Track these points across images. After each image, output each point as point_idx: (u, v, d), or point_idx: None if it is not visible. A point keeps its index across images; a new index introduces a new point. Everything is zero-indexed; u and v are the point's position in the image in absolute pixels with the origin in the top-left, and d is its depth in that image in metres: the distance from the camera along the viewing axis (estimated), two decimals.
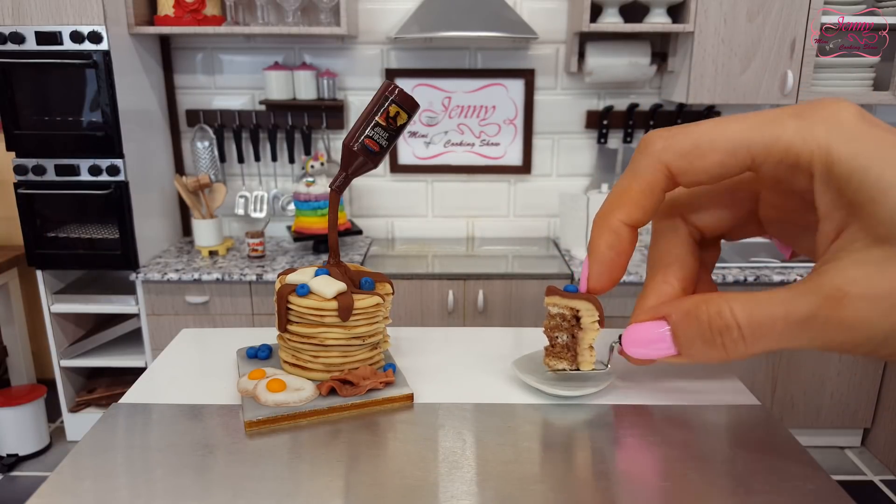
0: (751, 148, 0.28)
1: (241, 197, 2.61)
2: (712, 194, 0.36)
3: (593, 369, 0.45)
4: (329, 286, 0.60)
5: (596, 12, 2.27)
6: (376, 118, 0.39)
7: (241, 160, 2.59)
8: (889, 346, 0.26)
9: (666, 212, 0.36)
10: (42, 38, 2.06)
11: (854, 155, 0.26)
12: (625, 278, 2.15)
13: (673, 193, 0.35)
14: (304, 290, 0.59)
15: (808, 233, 0.31)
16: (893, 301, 0.25)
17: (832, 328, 0.26)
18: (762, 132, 0.28)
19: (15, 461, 2.37)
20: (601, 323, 0.50)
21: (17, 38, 2.05)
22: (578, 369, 0.51)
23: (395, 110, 0.38)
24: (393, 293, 0.67)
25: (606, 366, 0.42)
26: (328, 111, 2.53)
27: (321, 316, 0.59)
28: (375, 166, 0.43)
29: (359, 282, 0.62)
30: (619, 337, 0.37)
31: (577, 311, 0.47)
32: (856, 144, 0.26)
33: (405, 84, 2.52)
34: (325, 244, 2.42)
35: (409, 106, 0.38)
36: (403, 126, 0.39)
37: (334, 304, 0.59)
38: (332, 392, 0.64)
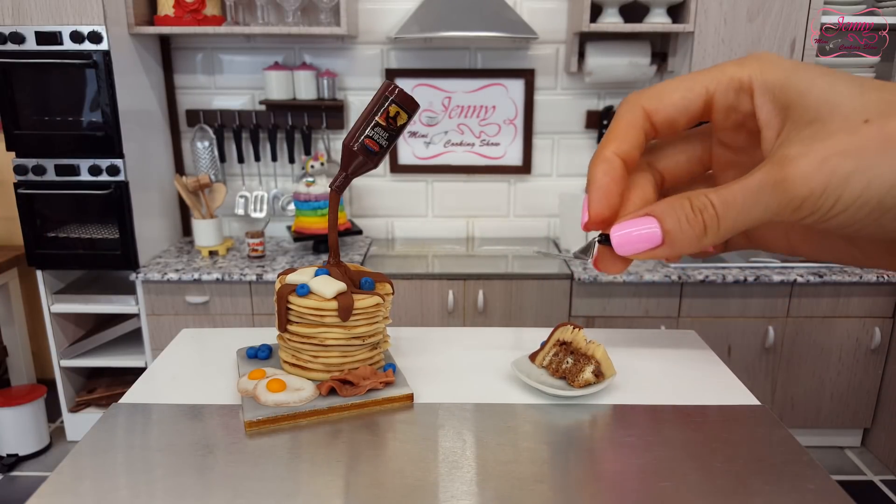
0: (703, 82, 0.37)
1: (241, 197, 2.61)
2: (674, 141, 0.43)
3: (575, 257, 0.47)
4: (329, 286, 0.60)
5: (596, 12, 2.27)
6: (376, 118, 0.39)
7: (241, 160, 2.59)
8: (828, 199, 0.32)
9: (639, 161, 0.43)
10: (42, 38, 2.06)
11: (782, 71, 0.35)
12: (625, 278, 2.15)
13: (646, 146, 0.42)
14: (304, 290, 0.59)
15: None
16: (825, 155, 0.32)
17: (782, 188, 0.33)
18: (711, 72, 0.37)
19: (15, 461, 2.37)
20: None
21: (17, 38, 2.05)
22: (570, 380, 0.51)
23: (395, 110, 0.38)
24: (393, 293, 0.67)
25: (587, 259, 0.44)
26: (328, 111, 2.53)
27: (321, 316, 0.59)
28: (375, 166, 0.43)
29: (359, 282, 0.62)
30: (599, 235, 0.40)
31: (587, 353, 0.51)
32: (782, 65, 0.35)
33: (405, 84, 2.52)
34: (325, 244, 2.42)
35: (409, 106, 0.38)
36: (403, 126, 0.39)
37: (334, 304, 0.59)
38: (332, 392, 0.64)
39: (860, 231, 0.34)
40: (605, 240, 0.39)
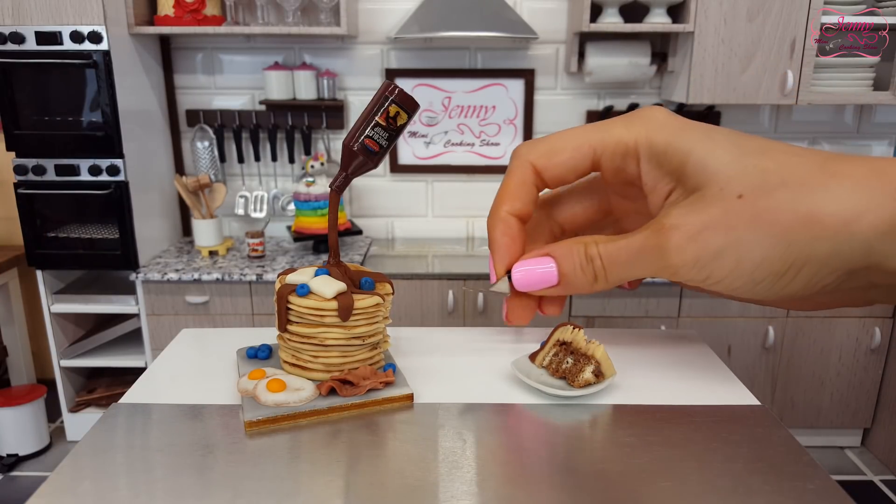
0: (591, 143, 0.37)
1: (241, 197, 2.61)
2: (571, 192, 0.44)
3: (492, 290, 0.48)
4: (329, 286, 0.60)
5: (596, 12, 2.27)
6: (376, 118, 0.39)
7: (241, 160, 2.59)
8: (702, 270, 0.33)
9: (538, 209, 0.45)
10: (42, 38, 2.06)
11: (667, 134, 0.35)
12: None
13: (543, 196, 0.44)
14: (304, 290, 0.59)
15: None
16: (698, 229, 0.33)
17: (657, 254, 0.34)
18: (600, 132, 0.37)
19: (15, 461, 2.37)
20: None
21: (17, 38, 2.05)
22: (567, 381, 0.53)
23: (395, 110, 0.38)
24: (393, 293, 0.67)
25: (504, 293, 0.45)
26: (328, 111, 2.53)
27: (321, 316, 0.59)
28: (375, 166, 0.43)
29: (359, 282, 0.62)
30: (508, 274, 0.42)
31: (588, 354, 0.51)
32: (666, 129, 0.35)
33: (405, 84, 2.52)
34: (325, 244, 2.42)
35: (410, 106, 0.38)
36: (403, 126, 0.39)
37: (334, 304, 0.59)
38: (332, 392, 0.64)
39: (745, 297, 0.35)
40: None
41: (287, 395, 0.59)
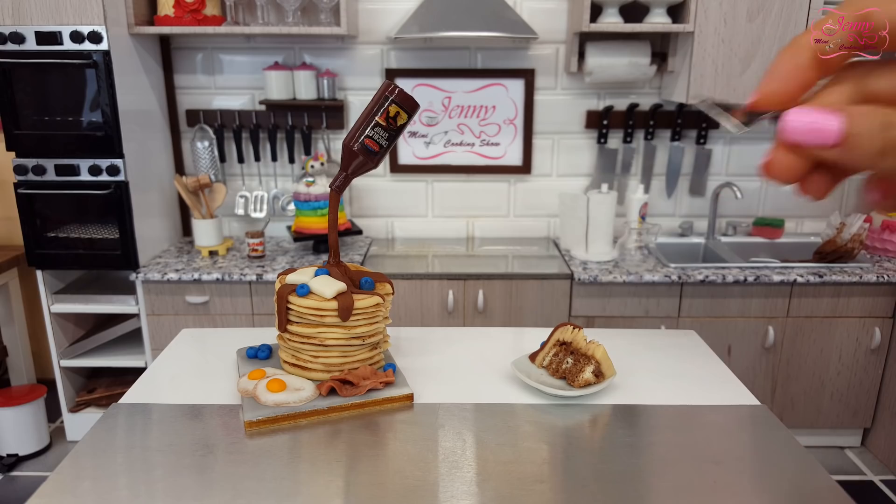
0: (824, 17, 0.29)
1: (240, 197, 2.61)
2: None
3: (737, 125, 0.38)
4: (329, 286, 0.60)
5: (596, 12, 2.27)
6: (376, 118, 0.38)
7: (241, 160, 2.59)
8: None
9: (844, 70, 0.36)
10: (42, 38, 2.06)
11: None
12: (625, 278, 2.15)
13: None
14: (304, 290, 0.59)
15: None
16: None
17: None
18: None
19: (15, 461, 2.37)
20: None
21: (17, 38, 2.05)
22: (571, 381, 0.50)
23: (395, 110, 0.38)
24: (393, 293, 0.67)
25: (748, 126, 0.39)
26: (328, 111, 2.53)
27: (321, 316, 0.59)
28: (375, 166, 0.42)
29: (359, 282, 0.62)
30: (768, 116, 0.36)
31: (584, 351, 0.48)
32: None
33: (405, 84, 2.52)
34: (325, 244, 2.42)
35: (410, 106, 0.37)
36: (403, 126, 0.39)
37: (334, 304, 0.59)
38: (332, 392, 0.64)
39: None
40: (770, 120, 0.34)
41: (287, 395, 0.59)
